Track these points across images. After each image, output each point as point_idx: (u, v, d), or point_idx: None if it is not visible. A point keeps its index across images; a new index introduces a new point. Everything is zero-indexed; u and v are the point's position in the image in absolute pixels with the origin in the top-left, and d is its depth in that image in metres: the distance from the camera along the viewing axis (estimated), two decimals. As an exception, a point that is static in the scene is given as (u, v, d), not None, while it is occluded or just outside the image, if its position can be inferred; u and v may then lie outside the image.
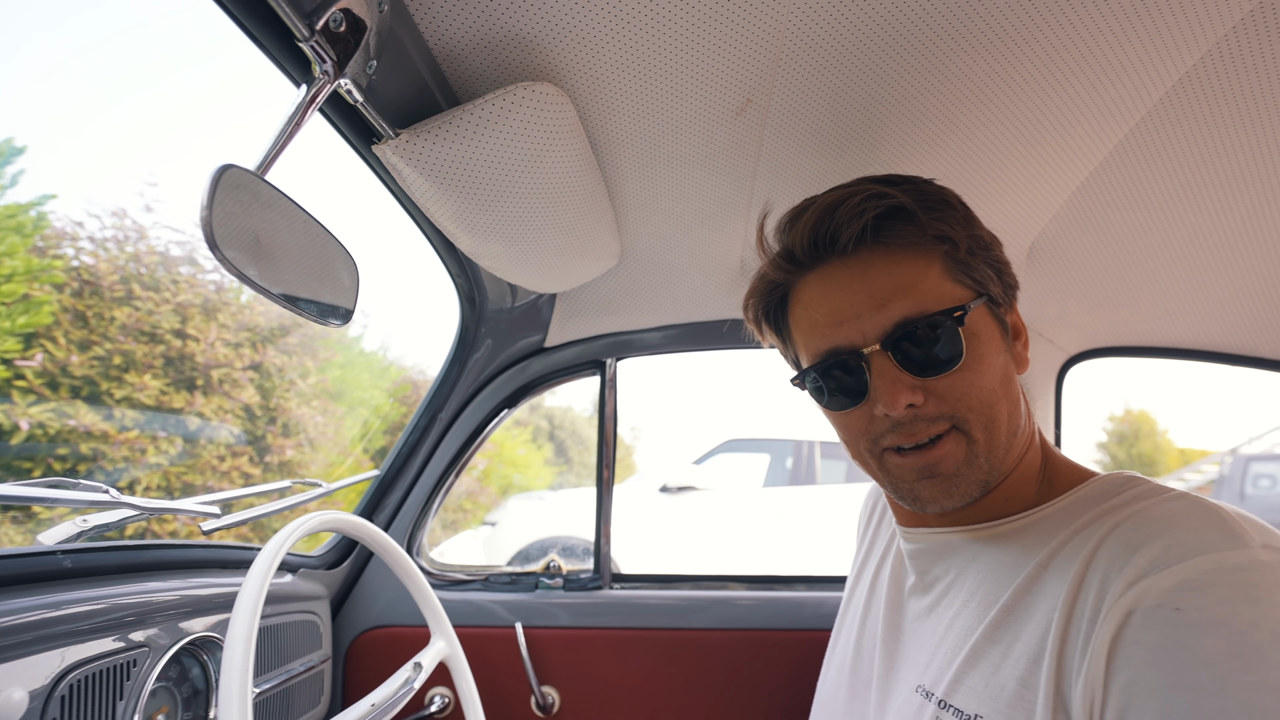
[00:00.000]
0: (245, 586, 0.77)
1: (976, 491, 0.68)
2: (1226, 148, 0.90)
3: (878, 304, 0.67)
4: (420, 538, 1.50)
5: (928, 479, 0.67)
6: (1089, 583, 0.56)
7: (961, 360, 0.65)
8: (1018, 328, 0.74)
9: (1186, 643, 0.47)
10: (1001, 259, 0.72)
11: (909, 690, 0.70)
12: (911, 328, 0.65)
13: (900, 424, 0.66)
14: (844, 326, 0.68)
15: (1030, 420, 0.73)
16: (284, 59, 0.62)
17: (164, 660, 0.89)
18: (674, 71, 0.77)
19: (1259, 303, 1.26)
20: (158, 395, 4.42)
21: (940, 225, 0.68)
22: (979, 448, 0.66)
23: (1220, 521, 0.54)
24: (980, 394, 0.65)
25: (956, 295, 0.67)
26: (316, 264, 0.65)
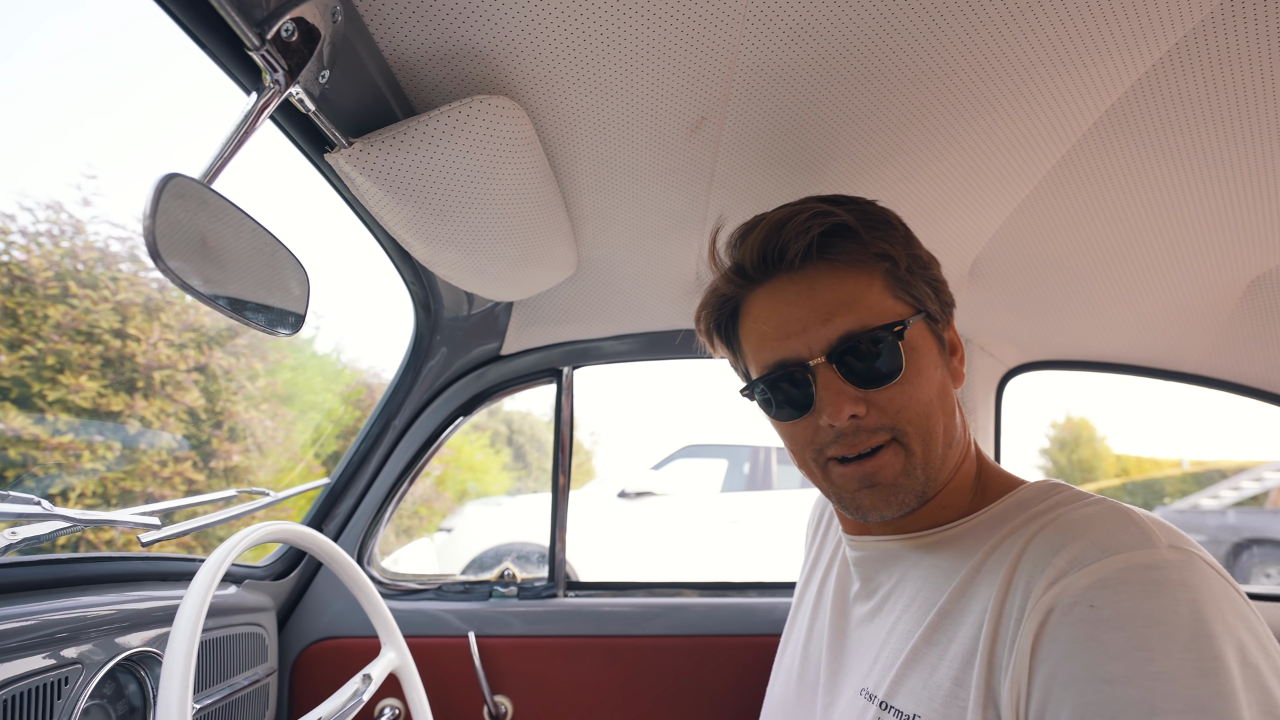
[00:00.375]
0: (186, 599, 0.75)
1: (914, 501, 0.71)
2: (1150, 175, 0.96)
3: (823, 318, 0.69)
4: (371, 547, 1.48)
5: (868, 489, 0.70)
6: (1016, 584, 0.59)
7: (901, 373, 0.68)
8: (954, 344, 0.78)
9: (1099, 637, 0.51)
10: (939, 278, 0.76)
11: (853, 693, 0.72)
12: (854, 341, 0.68)
13: (843, 434, 0.69)
14: (791, 340, 0.71)
15: (966, 432, 0.77)
16: (233, 66, 0.61)
17: (98, 677, 0.86)
18: (629, 89, 0.78)
19: (1178, 320, 1.34)
20: (95, 398, 4.23)
21: (882, 244, 0.71)
22: (916, 459, 0.69)
23: (1132, 524, 0.58)
24: (918, 406, 0.69)
25: (897, 311, 0.70)
26: (265, 272, 0.64)
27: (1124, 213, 1.05)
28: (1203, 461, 13.18)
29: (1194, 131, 0.87)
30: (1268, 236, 1.07)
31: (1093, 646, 0.51)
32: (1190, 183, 0.97)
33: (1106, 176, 0.97)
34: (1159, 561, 0.53)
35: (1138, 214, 1.05)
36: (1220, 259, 1.14)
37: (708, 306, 0.82)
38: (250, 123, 0.59)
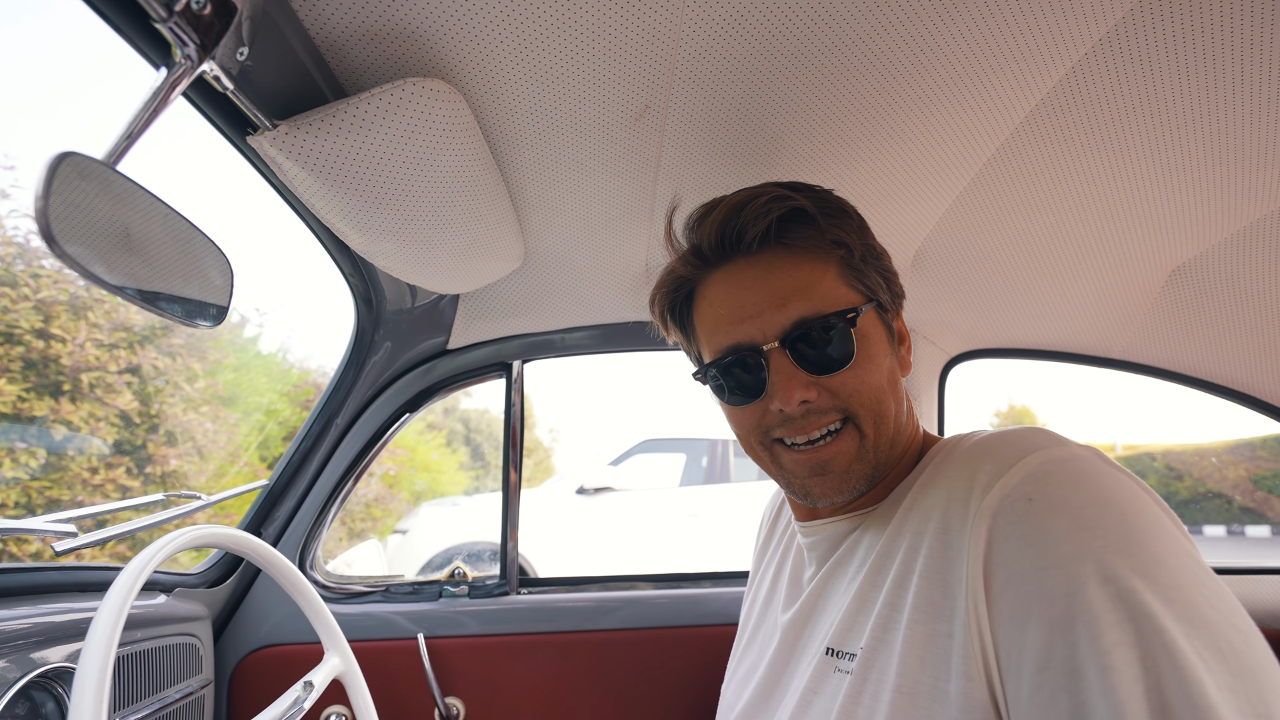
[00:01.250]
0: (102, 609, 0.71)
1: (864, 486, 0.72)
2: (1077, 169, 0.99)
3: (778, 303, 0.70)
4: (314, 550, 1.43)
5: (819, 476, 0.71)
6: (936, 504, 0.64)
7: (853, 359, 0.69)
8: (903, 334, 0.79)
9: (1043, 524, 0.54)
10: (890, 269, 0.78)
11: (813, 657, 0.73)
12: (808, 327, 0.68)
13: (791, 418, 0.70)
14: (745, 324, 0.71)
15: (913, 419, 0.79)
16: (140, 40, 0.57)
17: (9, 694, 0.81)
18: (570, 75, 0.77)
19: (1106, 308, 1.40)
20: (15, 402, 3.97)
21: (838, 231, 0.72)
22: (869, 442, 0.70)
23: (1042, 431, 0.63)
24: (870, 390, 0.70)
25: (850, 299, 0.71)
26: (180, 261, 0.61)
27: (1054, 205, 1.08)
28: (1134, 445, 13.89)
29: (1116, 127, 0.91)
30: (1186, 229, 1.12)
31: (1041, 535, 0.54)
32: (1114, 176, 1.01)
33: (1037, 170, 1.00)
34: (1073, 454, 0.58)
35: (1067, 206, 1.08)
36: (1143, 250, 1.19)
37: (663, 288, 0.81)
38: (160, 101, 0.55)
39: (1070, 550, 0.52)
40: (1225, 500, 11.81)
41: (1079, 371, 1.69)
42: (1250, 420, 1.61)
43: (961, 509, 0.60)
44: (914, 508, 0.67)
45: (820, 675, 0.68)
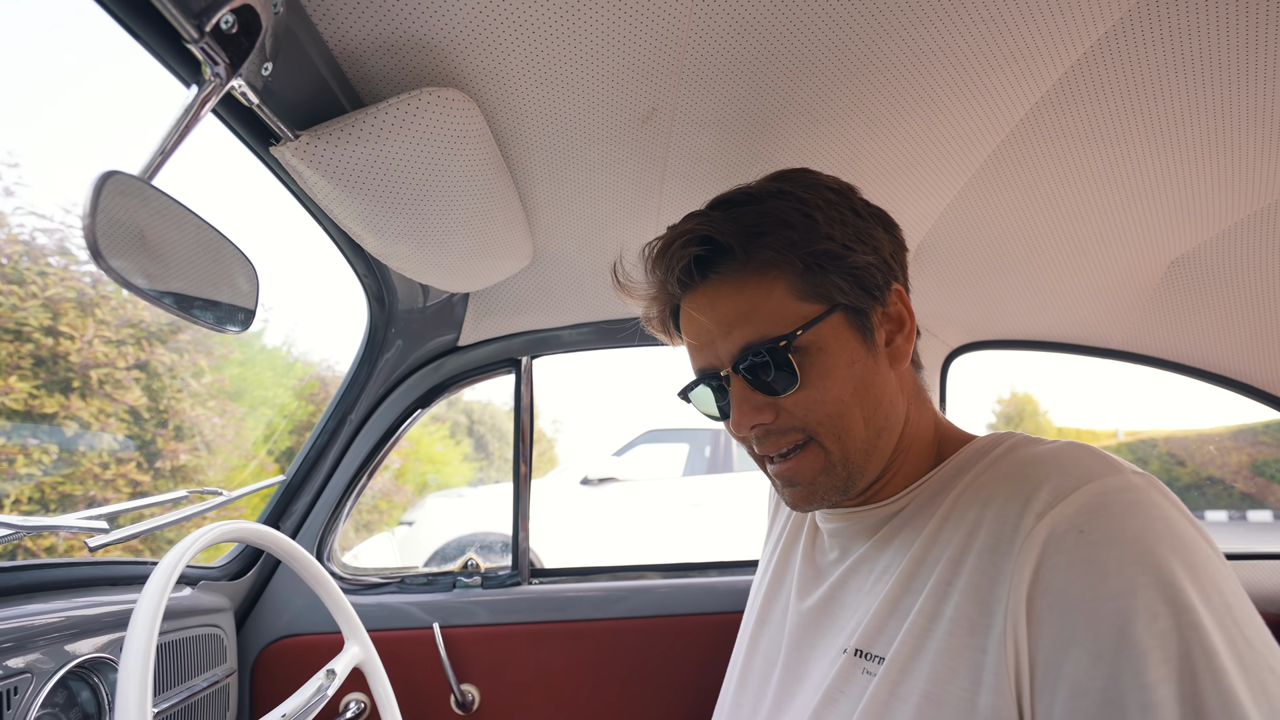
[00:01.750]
0: (141, 603, 0.74)
1: (836, 496, 0.72)
2: (1078, 164, 1.01)
3: (724, 331, 0.70)
4: (331, 543, 1.46)
5: (789, 487, 0.73)
6: (985, 520, 0.63)
7: (799, 382, 0.68)
8: (901, 318, 0.75)
9: (1094, 558, 0.54)
10: (859, 263, 0.70)
11: (834, 654, 0.73)
12: (753, 353, 0.68)
13: (757, 438, 0.72)
14: (704, 351, 0.73)
15: (912, 408, 0.77)
16: (172, 59, 0.60)
17: (49, 686, 0.84)
18: (580, 81, 0.79)
19: (1107, 300, 1.42)
20: (26, 399, 4.02)
21: (765, 254, 0.69)
22: (834, 457, 0.70)
23: (1095, 454, 0.62)
24: (826, 408, 0.69)
25: (802, 313, 0.69)
26: (211, 269, 0.63)
27: (1055, 199, 1.10)
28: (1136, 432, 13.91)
29: (1116, 122, 0.93)
30: (1185, 221, 1.14)
31: (1091, 566, 0.54)
32: (1113, 171, 1.03)
33: (1038, 165, 1.02)
34: (1129, 485, 0.58)
35: (1068, 200, 1.10)
36: (1142, 242, 1.21)
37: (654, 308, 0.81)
38: (191, 117, 0.58)
39: (1119, 584, 0.52)
40: (1226, 486, 11.84)
41: (1080, 360, 1.71)
42: (1251, 407, 1.64)
43: (1011, 532, 0.60)
44: (951, 517, 0.67)
45: (845, 675, 0.68)
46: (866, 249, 0.71)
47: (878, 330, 0.72)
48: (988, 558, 0.61)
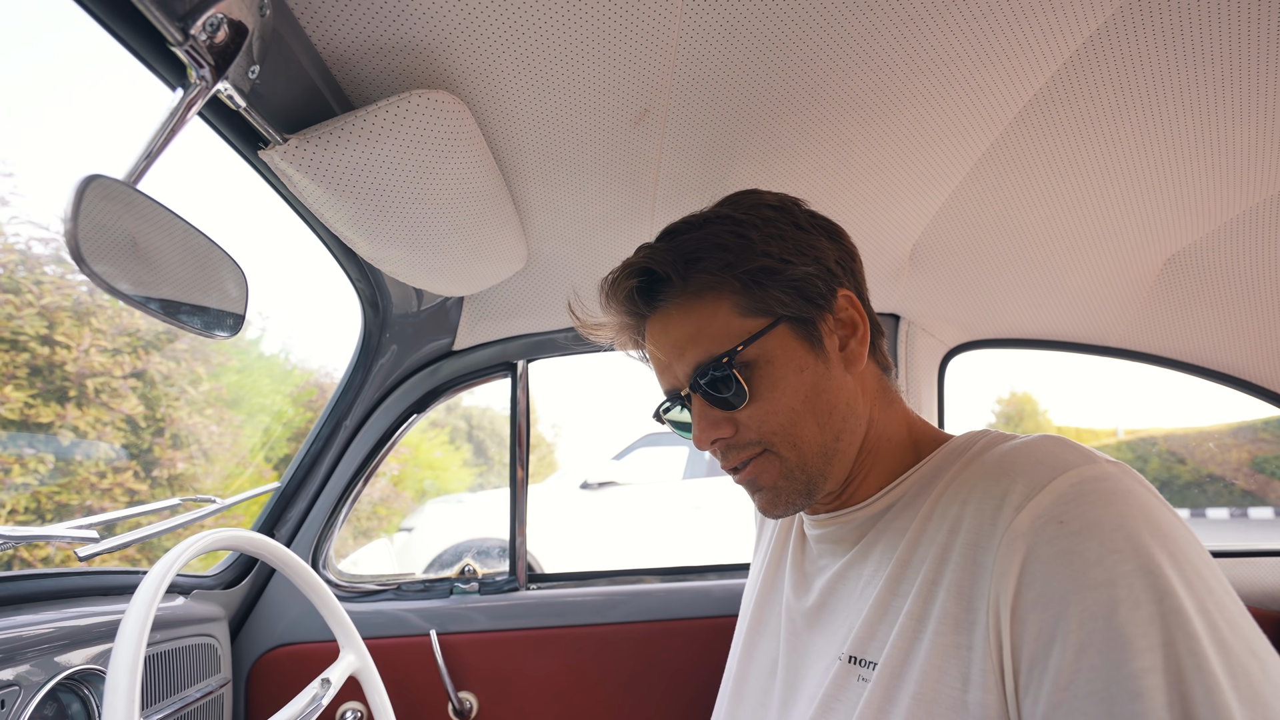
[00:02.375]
0: (129, 613, 0.73)
1: (801, 500, 0.74)
2: (1072, 161, 1.01)
3: (677, 353, 0.74)
4: (326, 550, 1.45)
5: (755, 493, 0.76)
6: (965, 517, 0.63)
7: (749, 395, 0.71)
8: (854, 323, 0.76)
9: (1075, 548, 0.55)
10: (799, 275, 0.72)
11: (830, 660, 0.73)
12: (701, 372, 0.72)
13: (722, 452, 0.75)
14: (666, 374, 0.77)
15: (876, 409, 0.78)
16: (156, 63, 0.59)
17: (37, 698, 0.83)
18: (571, 82, 0.79)
19: (1103, 297, 1.41)
20: (22, 409, 4.00)
21: (702, 277, 0.72)
22: (791, 464, 0.72)
23: (1068, 445, 0.63)
24: (778, 419, 0.71)
25: (746, 329, 0.71)
26: (199, 274, 0.63)
27: (1050, 197, 1.10)
28: (1136, 430, 13.91)
29: (1109, 120, 0.92)
30: (1180, 218, 1.13)
31: (1071, 557, 0.54)
32: (1107, 168, 1.02)
33: (1032, 163, 1.02)
34: (1104, 473, 0.58)
35: (1063, 197, 1.10)
36: (1138, 239, 1.20)
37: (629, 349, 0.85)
38: (176, 121, 0.57)
39: (1101, 574, 0.53)
40: (1227, 484, 11.84)
41: (1079, 359, 1.71)
42: (1250, 404, 1.64)
43: (990, 526, 0.60)
44: (933, 517, 0.67)
45: (840, 682, 0.69)
46: (807, 260, 0.73)
47: (828, 337, 0.74)
48: (969, 554, 0.61)
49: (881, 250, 1.26)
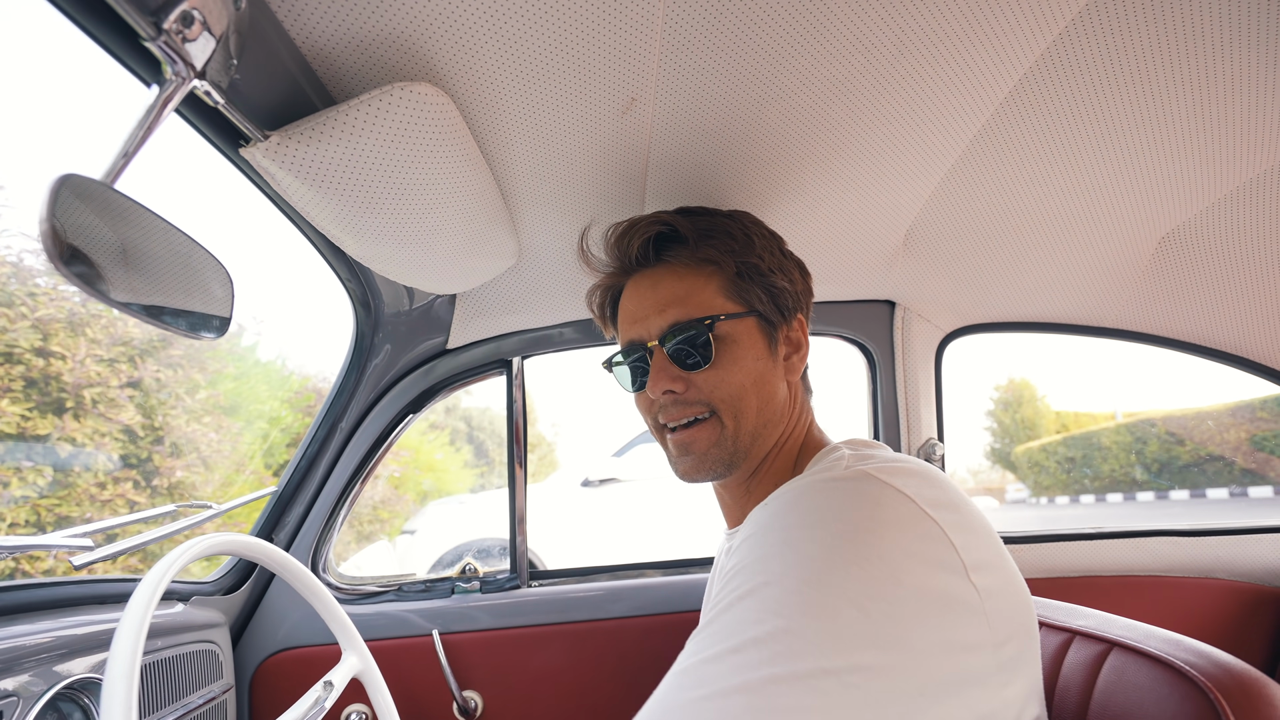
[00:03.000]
0: (124, 620, 0.72)
1: (722, 469, 0.83)
2: (1063, 141, 1.00)
3: (659, 309, 0.84)
4: (326, 553, 1.45)
5: (684, 455, 0.84)
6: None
7: (712, 360, 0.81)
8: (799, 343, 0.89)
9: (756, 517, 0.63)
10: (778, 285, 0.86)
11: None
12: (677, 330, 0.82)
13: (664, 406, 0.83)
14: (638, 325, 0.86)
15: (796, 416, 0.88)
16: (130, 60, 0.58)
17: (37, 707, 0.82)
18: (556, 71, 0.78)
19: (1098, 278, 1.41)
20: (19, 421, 3.99)
21: (709, 250, 0.84)
22: (728, 432, 0.82)
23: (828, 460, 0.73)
24: (730, 389, 0.81)
25: (727, 309, 0.83)
26: (182, 275, 0.62)
27: (1043, 177, 1.09)
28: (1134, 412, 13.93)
29: (1100, 98, 0.92)
30: (1173, 196, 1.13)
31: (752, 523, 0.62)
32: (1099, 147, 1.02)
33: (1023, 144, 1.01)
34: (826, 478, 0.63)
35: (1055, 178, 1.09)
36: (1132, 218, 1.20)
37: (599, 290, 0.97)
38: (153, 119, 0.56)
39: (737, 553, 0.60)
40: (1227, 463, 11.86)
41: (1076, 341, 1.70)
42: (1249, 383, 1.63)
43: None
44: None
45: None
46: (785, 278, 0.88)
47: (780, 344, 0.87)
48: None
49: (875, 236, 1.26)
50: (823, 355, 2.59)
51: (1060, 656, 0.82)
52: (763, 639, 0.50)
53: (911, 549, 0.55)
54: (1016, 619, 0.59)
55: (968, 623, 0.54)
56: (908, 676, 0.49)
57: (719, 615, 0.55)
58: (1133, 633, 0.78)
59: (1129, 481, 13.75)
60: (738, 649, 0.50)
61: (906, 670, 0.49)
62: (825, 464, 0.72)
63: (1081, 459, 14.98)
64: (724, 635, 0.52)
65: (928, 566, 0.54)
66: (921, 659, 0.50)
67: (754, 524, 0.62)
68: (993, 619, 0.56)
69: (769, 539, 0.58)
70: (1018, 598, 0.61)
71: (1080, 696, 0.78)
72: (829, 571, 0.52)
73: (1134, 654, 0.75)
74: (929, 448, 1.55)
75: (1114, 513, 11.77)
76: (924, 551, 0.55)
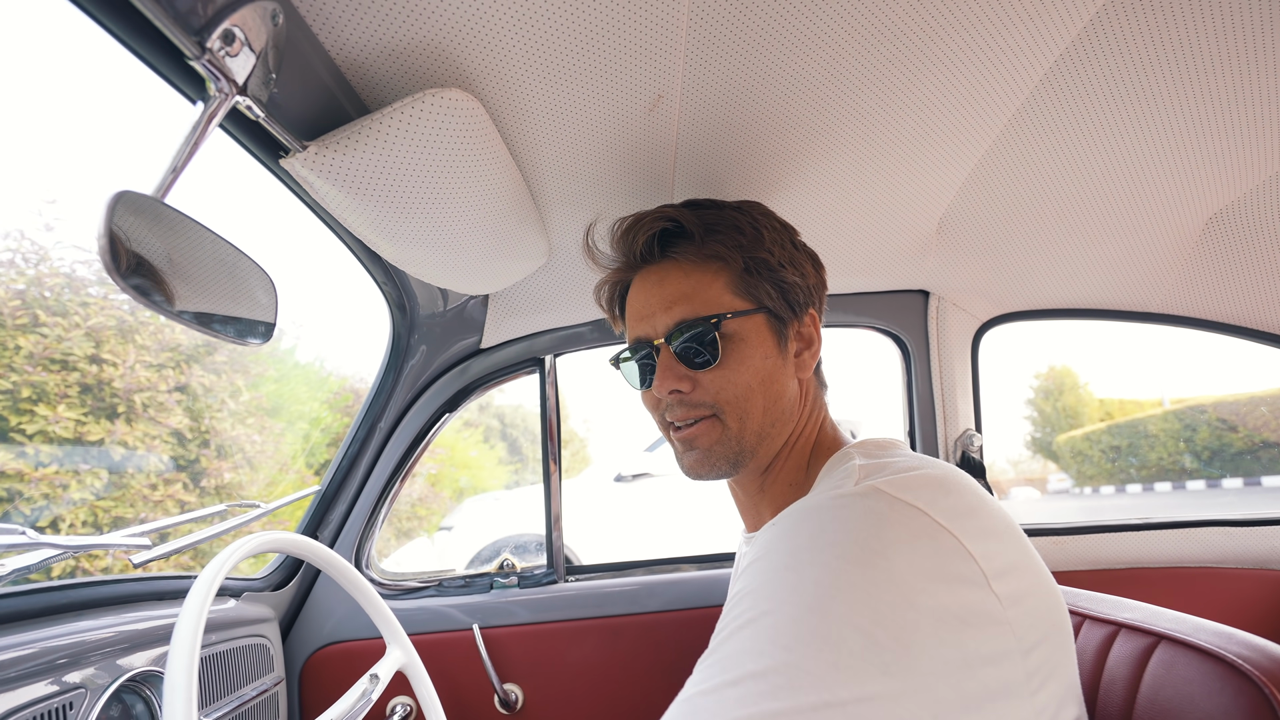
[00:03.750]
0: (182, 615, 0.76)
1: (727, 467, 0.82)
2: (1103, 121, 0.97)
3: (666, 306, 0.82)
4: (369, 549, 1.48)
5: (689, 451, 0.83)
6: None
7: (718, 359, 0.79)
8: (811, 339, 0.86)
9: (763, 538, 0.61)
10: (788, 280, 0.84)
11: None
12: (684, 328, 0.80)
13: (672, 405, 0.82)
14: (644, 322, 0.84)
15: (808, 414, 0.85)
16: (176, 77, 0.60)
17: (103, 700, 0.87)
18: (583, 71, 0.78)
19: (1142, 262, 1.36)
20: (75, 426, 4.17)
21: (716, 246, 0.82)
22: (731, 433, 0.80)
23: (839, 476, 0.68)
24: (735, 389, 0.79)
25: (734, 306, 0.81)
26: (229, 284, 0.64)
27: (1081, 160, 1.06)
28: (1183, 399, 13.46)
29: (1142, 75, 0.89)
30: (1221, 174, 1.09)
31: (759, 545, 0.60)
32: (1142, 126, 0.98)
33: (1062, 126, 0.99)
34: (835, 495, 0.61)
35: (1095, 160, 1.06)
36: (1177, 199, 1.16)
37: (606, 284, 0.95)
38: (199, 134, 0.58)
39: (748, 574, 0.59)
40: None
41: (1119, 328, 1.65)
42: (1304, 365, 1.56)
43: None
44: None
45: None
46: (796, 273, 0.85)
47: (791, 341, 0.84)
48: None
49: (908, 225, 1.24)
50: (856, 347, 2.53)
51: (1105, 651, 0.81)
52: (762, 672, 0.48)
53: (924, 566, 0.52)
54: (1046, 620, 0.57)
55: (990, 635, 0.52)
56: (921, 702, 0.47)
57: (720, 645, 0.54)
58: (1181, 625, 0.76)
59: (1178, 470, 13.30)
60: (736, 682, 0.49)
61: (919, 695, 0.47)
62: (835, 477, 0.70)
63: (1127, 447, 14.53)
64: (723, 667, 0.51)
65: (943, 583, 0.52)
66: (936, 681, 0.48)
67: (761, 546, 0.60)
68: (1018, 626, 0.54)
69: (772, 563, 0.56)
70: (1047, 598, 0.59)
71: (1126, 691, 0.76)
72: (831, 597, 0.50)
73: (1183, 647, 0.73)
74: (967, 439, 1.52)
75: (1162, 502, 11.40)
76: (938, 568, 0.53)
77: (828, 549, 0.54)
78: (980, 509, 0.60)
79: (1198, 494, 11.76)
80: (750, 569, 0.58)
